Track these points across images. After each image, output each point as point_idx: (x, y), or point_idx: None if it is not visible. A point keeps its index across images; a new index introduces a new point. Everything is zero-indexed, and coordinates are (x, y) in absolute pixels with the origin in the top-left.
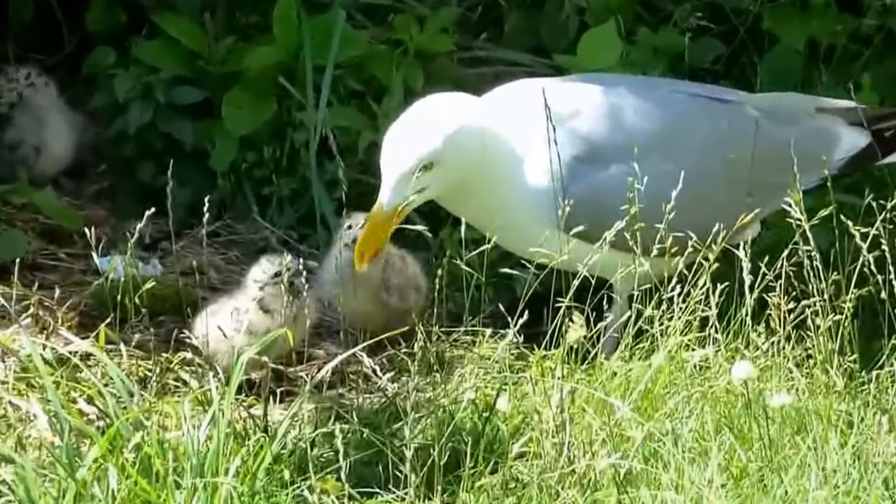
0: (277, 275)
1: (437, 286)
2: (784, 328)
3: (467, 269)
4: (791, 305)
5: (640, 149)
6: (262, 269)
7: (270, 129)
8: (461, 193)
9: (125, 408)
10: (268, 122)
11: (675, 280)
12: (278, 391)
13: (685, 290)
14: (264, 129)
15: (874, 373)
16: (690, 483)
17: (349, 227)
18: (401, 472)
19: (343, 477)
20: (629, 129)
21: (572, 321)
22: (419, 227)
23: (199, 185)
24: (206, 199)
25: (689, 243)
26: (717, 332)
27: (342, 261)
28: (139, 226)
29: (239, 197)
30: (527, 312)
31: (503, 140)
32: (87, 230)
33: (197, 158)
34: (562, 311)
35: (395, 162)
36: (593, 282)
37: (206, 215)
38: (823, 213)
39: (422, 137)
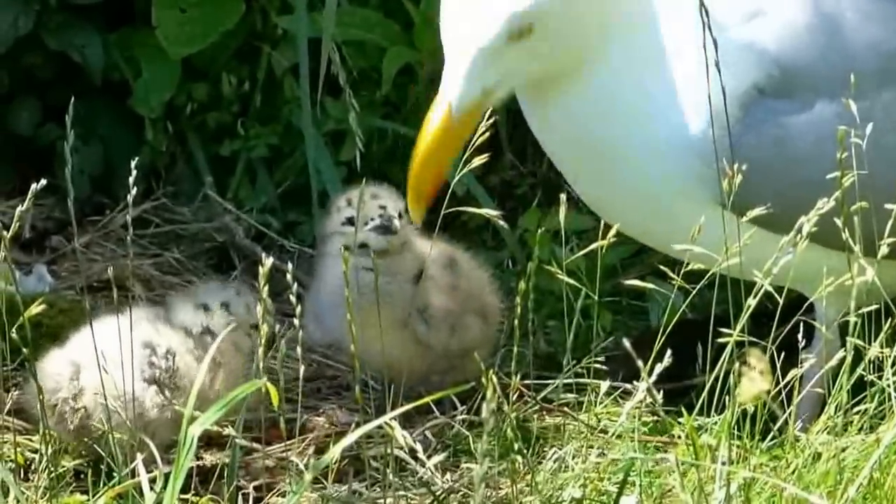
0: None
1: (518, 310)
2: None
3: (568, 280)
4: None
5: (863, 75)
6: (229, 304)
7: (234, 47)
8: (551, 94)
9: None
10: (229, 35)
11: None
12: (251, 487)
13: None
14: (223, 46)
15: None
16: None
17: (347, 207)
18: None
19: None
20: (848, 43)
21: (747, 367)
22: (487, 212)
23: (114, 141)
24: (129, 164)
25: None
26: None
27: (353, 269)
28: (18, 209)
29: (181, 160)
30: (669, 353)
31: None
32: None
33: (110, 95)
34: (728, 351)
35: (470, 28)
36: (781, 300)
37: (131, 191)
38: None
39: None
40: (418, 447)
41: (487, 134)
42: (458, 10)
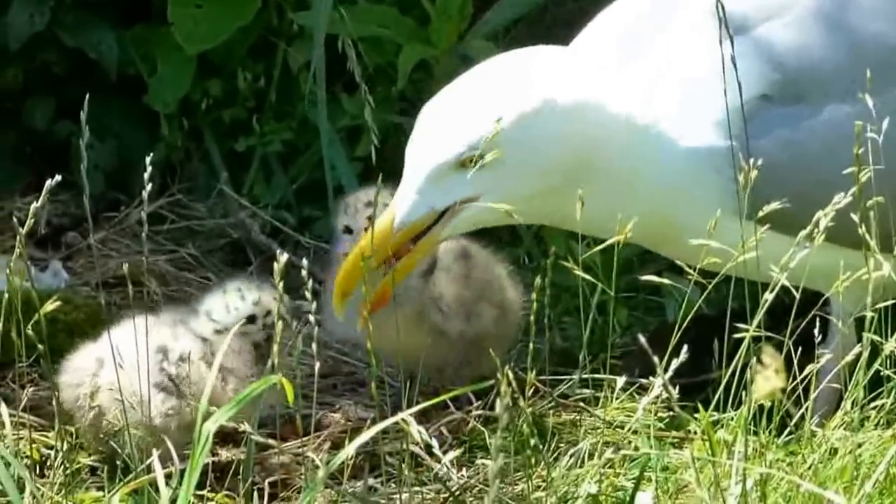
0: (252, 319)
1: (535, 305)
2: None
3: (584, 275)
4: None
5: (872, 72)
6: (226, 305)
7: (250, 43)
8: (552, 203)
9: None
10: (245, 31)
11: None
12: (266, 483)
13: None
14: (239, 41)
15: None
16: None
17: (344, 214)
18: None
19: None
20: (855, 41)
21: (762, 363)
22: (503, 206)
23: (129, 137)
24: (144, 160)
25: None
26: None
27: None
28: (33, 206)
29: (196, 156)
30: (685, 349)
31: (619, 102)
32: None
33: (125, 92)
34: (744, 347)
35: (426, 148)
36: (797, 296)
37: (147, 186)
38: None
39: (476, 113)
40: (434, 443)
41: None
42: (423, 131)
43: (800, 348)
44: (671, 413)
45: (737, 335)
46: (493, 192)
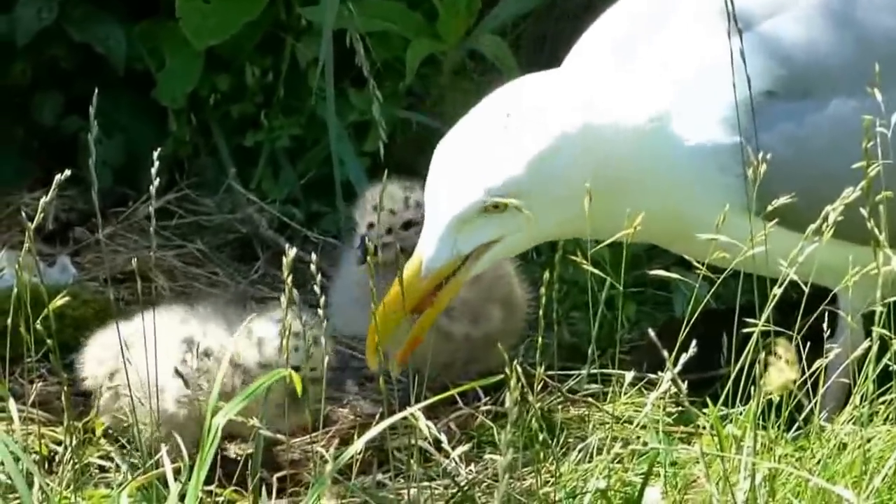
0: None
1: (543, 300)
2: None
3: (593, 270)
4: None
5: (887, 68)
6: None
7: (257, 38)
8: (572, 226)
9: None
10: (253, 26)
11: None
12: (274, 479)
13: None
14: (247, 36)
15: None
16: None
17: (372, 211)
18: None
19: None
20: (862, 36)
21: (773, 357)
22: (511, 201)
23: (137, 132)
24: (152, 155)
25: None
26: None
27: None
28: (42, 201)
29: (204, 151)
30: (694, 343)
31: (623, 111)
32: None
33: (133, 87)
34: (753, 341)
35: (447, 196)
36: (806, 291)
37: (155, 182)
38: None
39: (492, 158)
40: (443, 438)
41: None
42: (441, 175)
43: (808, 343)
44: (680, 408)
45: (745, 330)
46: (518, 230)
